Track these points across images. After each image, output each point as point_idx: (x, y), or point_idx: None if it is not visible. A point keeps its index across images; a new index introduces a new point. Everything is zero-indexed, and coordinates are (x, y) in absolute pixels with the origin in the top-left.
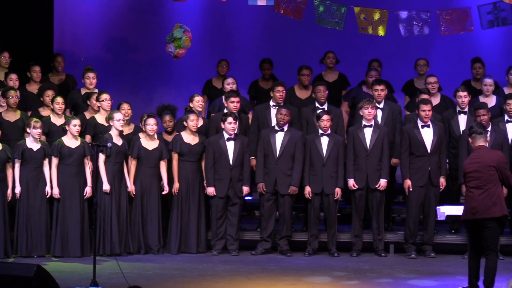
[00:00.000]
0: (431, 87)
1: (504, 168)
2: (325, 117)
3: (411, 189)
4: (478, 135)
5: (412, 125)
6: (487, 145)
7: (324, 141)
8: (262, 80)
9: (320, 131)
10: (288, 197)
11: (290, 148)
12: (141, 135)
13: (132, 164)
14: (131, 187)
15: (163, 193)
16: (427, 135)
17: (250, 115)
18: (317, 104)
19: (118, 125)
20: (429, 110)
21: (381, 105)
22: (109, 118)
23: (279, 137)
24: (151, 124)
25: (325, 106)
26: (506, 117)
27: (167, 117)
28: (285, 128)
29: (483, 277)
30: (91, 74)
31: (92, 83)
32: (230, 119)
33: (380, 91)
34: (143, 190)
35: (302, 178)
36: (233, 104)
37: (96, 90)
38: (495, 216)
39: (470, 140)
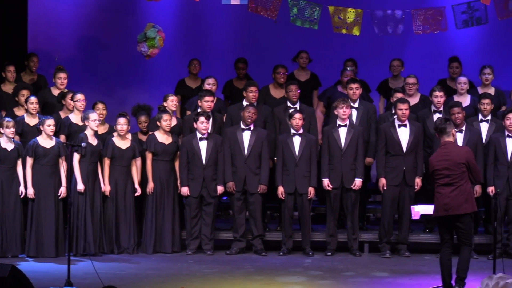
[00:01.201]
0: (409, 88)
1: (474, 164)
2: (297, 116)
3: (385, 188)
4: (442, 130)
5: (389, 124)
6: (453, 140)
7: (297, 140)
8: (236, 80)
9: (292, 131)
10: (257, 196)
11: (258, 147)
12: (114, 134)
13: (106, 164)
14: (105, 187)
15: (136, 194)
16: (404, 135)
17: (224, 116)
18: (289, 104)
19: (94, 125)
20: (406, 109)
21: (356, 105)
22: (84, 118)
23: (246, 136)
24: (122, 123)
25: (297, 106)
26: (480, 117)
27: (143, 118)
28: (251, 127)
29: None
30: (62, 74)
31: (63, 83)
32: (202, 118)
33: (354, 89)
34: (117, 190)
35: (275, 177)
36: (207, 103)
37: (66, 90)
38: (468, 212)
39: (436, 135)
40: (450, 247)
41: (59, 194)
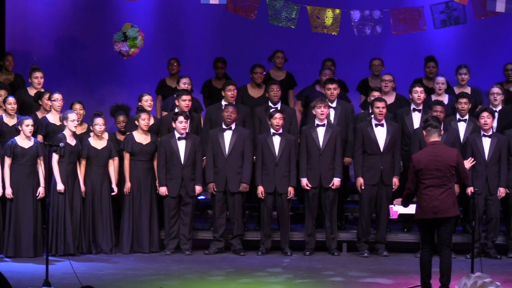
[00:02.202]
0: (385, 85)
1: (463, 167)
2: (277, 115)
3: (363, 188)
4: (434, 128)
5: (366, 124)
6: (441, 140)
7: (276, 140)
8: (215, 80)
9: (272, 130)
10: (238, 196)
11: (239, 147)
12: (91, 134)
13: (82, 164)
14: (82, 187)
15: (113, 194)
16: (380, 134)
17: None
18: (270, 103)
19: (72, 125)
20: (383, 107)
21: (334, 104)
22: (63, 118)
23: (227, 136)
24: (99, 124)
25: (278, 105)
26: (458, 116)
27: (121, 117)
28: (233, 126)
29: (438, 275)
30: (38, 74)
31: (40, 82)
32: (181, 118)
33: (332, 90)
34: (94, 190)
35: (254, 177)
36: (185, 102)
37: (43, 90)
38: (455, 215)
39: (424, 133)
40: (431, 249)
41: (37, 195)
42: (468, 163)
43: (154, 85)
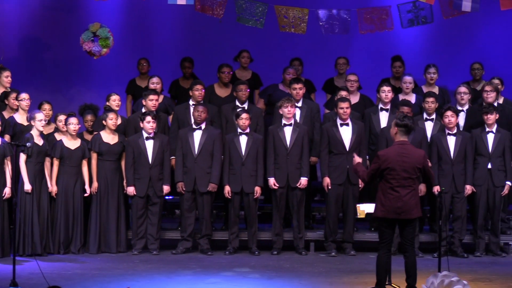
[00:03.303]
0: (350, 85)
1: (429, 168)
2: (244, 115)
3: (329, 187)
4: (410, 130)
5: (331, 123)
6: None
7: (243, 140)
8: (182, 79)
9: (239, 130)
10: (207, 196)
11: (209, 146)
12: (58, 135)
13: (55, 164)
14: (52, 187)
15: (85, 195)
16: (346, 134)
17: (171, 116)
18: (237, 103)
19: (40, 125)
20: (347, 108)
21: (300, 104)
22: (30, 118)
23: (197, 136)
24: (74, 123)
25: (246, 105)
26: (425, 115)
27: (89, 117)
28: (203, 126)
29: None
30: (6, 73)
31: (9, 81)
32: (148, 118)
33: (298, 89)
34: (66, 190)
35: (221, 176)
36: (152, 102)
37: (9, 90)
38: (418, 216)
39: (396, 129)
40: (389, 248)
41: (3, 195)
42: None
43: (121, 84)
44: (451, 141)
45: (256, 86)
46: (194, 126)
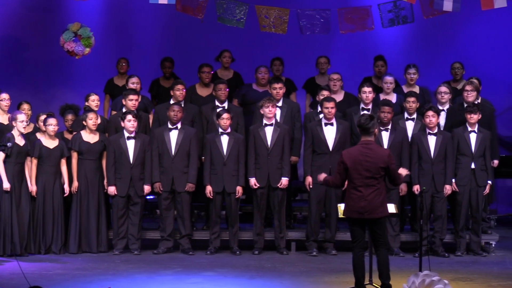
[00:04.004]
0: (333, 84)
1: (394, 168)
2: (225, 115)
3: (311, 186)
4: (366, 130)
5: (316, 123)
6: (374, 140)
7: (224, 140)
8: (163, 79)
9: (220, 130)
10: (185, 195)
11: (185, 146)
12: (39, 134)
13: (34, 164)
14: (32, 187)
15: (65, 195)
16: (330, 133)
17: (151, 115)
18: (217, 103)
19: (21, 126)
20: (332, 107)
21: (280, 103)
22: (12, 119)
23: (174, 135)
24: (53, 124)
25: (225, 105)
26: (406, 115)
27: (70, 116)
28: (179, 126)
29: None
30: None
31: None
32: (129, 117)
33: (278, 89)
34: (46, 190)
35: (202, 177)
36: (132, 102)
37: None
38: (383, 215)
39: (358, 130)
40: (362, 247)
41: None
42: (404, 171)
43: (102, 84)
44: (432, 140)
45: (237, 85)
46: (170, 126)
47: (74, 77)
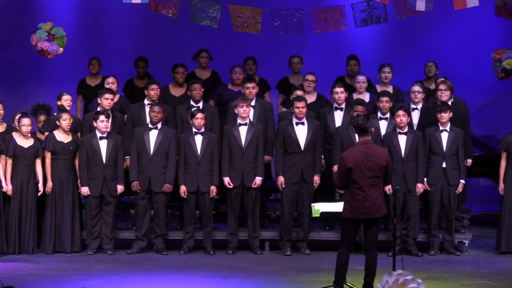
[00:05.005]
0: (308, 84)
1: (391, 167)
2: (199, 115)
3: (283, 186)
4: (365, 130)
5: (287, 122)
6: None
7: (198, 139)
8: (137, 79)
9: (194, 130)
10: (162, 195)
11: (164, 146)
12: (15, 134)
13: (8, 163)
14: (7, 187)
15: (39, 194)
16: (301, 133)
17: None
18: (192, 102)
19: None
20: (303, 107)
21: (253, 103)
22: None
23: (153, 135)
24: (26, 124)
25: (200, 104)
26: (379, 114)
27: (42, 117)
28: (159, 126)
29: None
30: None
31: None
32: (102, 117)
33: (251, 88)
34: (20, 189)
35: (177, 176)
36: (107, 101)
37: None
38: (384, 214)
39: (353, 131)
40: (350, 248)
41: None
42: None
43: (75, 84)
44: (402, 140)
45: (216, 85)
46: (150, 126)
47: (47, 77)
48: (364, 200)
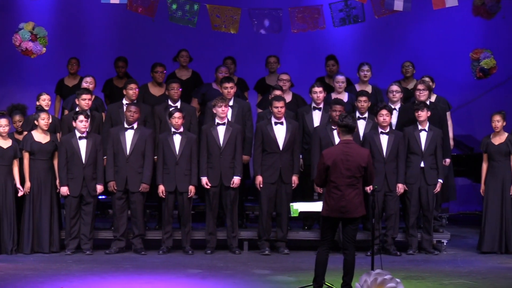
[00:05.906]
0: (283, 84)
1: (372, 168)
2: (176, 114)
3: (261, 186)
4: (352, 129)
5: (266, 122)
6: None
7: (177, 139)
8: (116, 79)
9: (173, 129)
10: (139, 195)
11: (141, 146)
12: None
13: None
14: None
15: (18, 195)
16: (280, 133)
17: (103, 114)
18: (170, 102)
19: None
20: (281, 107)
21: (231, 103)
22: None
23: (129, 135)
24: (3, 125)
25: (178, 104)
26: (358, 114)
27: (17, 117)
28: (135, 126)
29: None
30: None
31: None
32: (81, 117)
33: (229, 88)
34: None
35: (155, 176)
36: (85, 101)
37: None
38: (362, 215)
39: (338, 129)
40: (329, 247)
41: None
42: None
43: (54, 84)
44: (384, 139)
45: (196, 85)
46: (126, 126)
47: (26, 77)
48: (340, 199)
